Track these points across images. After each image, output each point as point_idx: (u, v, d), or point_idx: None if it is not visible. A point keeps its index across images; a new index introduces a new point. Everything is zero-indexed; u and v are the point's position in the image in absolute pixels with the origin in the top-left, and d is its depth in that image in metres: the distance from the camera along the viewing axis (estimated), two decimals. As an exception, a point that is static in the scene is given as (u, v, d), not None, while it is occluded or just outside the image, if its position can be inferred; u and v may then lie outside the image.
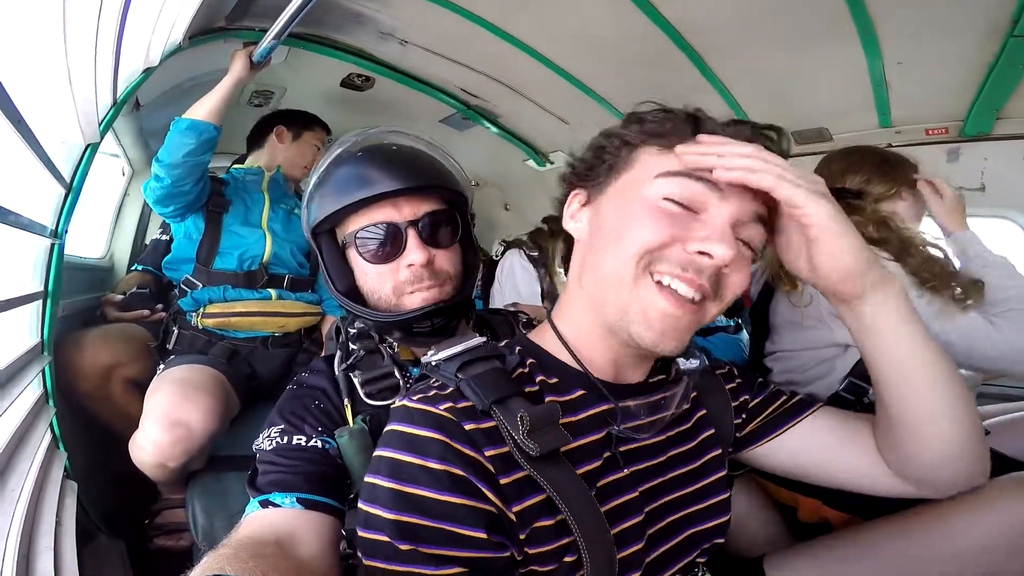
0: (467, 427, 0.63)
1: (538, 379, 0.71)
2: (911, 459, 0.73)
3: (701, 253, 0.62)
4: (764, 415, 0.86)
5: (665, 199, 0.64)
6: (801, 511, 1.16)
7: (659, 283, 0.64)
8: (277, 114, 2.06)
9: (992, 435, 1.04)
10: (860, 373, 1.30)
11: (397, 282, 0.91)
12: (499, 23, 1.78)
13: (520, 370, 0.72)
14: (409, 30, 1.91)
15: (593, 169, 0.73)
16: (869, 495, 0.82)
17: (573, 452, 0.67)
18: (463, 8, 1.71)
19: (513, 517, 0.61)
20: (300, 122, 2.03)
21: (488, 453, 0.62)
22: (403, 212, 0.90)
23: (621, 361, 0.73)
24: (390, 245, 0.90)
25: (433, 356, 0.73)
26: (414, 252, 0.89)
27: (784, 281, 1.38)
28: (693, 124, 0.68)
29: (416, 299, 0.91)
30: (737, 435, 0.86)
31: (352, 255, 0.93)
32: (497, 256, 2.42)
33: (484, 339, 0.76)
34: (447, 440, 0.62)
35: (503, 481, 0.62)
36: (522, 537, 0.62)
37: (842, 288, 0.66)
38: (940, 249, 1.29)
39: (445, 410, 0.64)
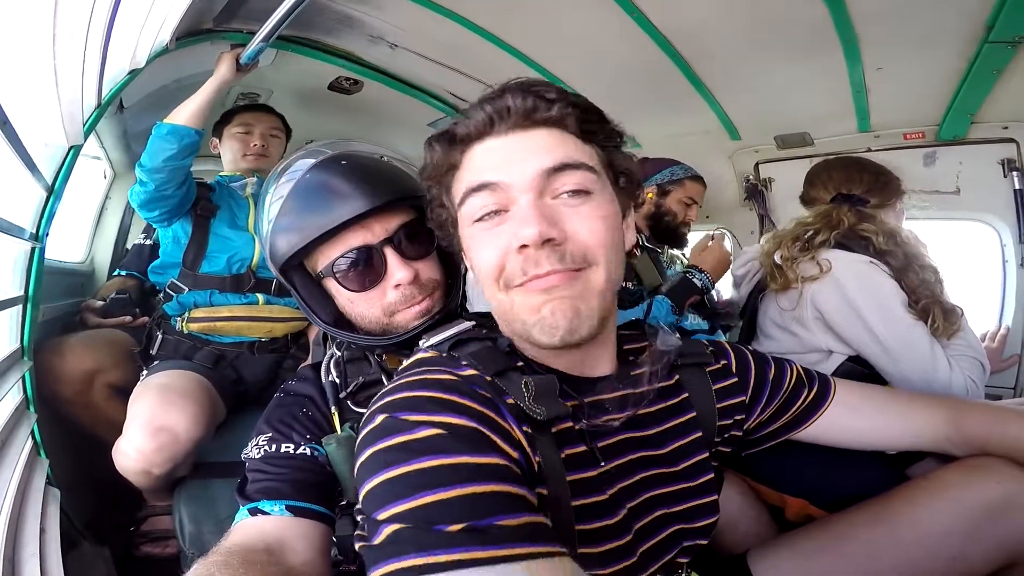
0: (486, 380, 0.65)
1: (518, 364, 0.71)
2: None
3: (522, 247, 0.64)
4: (794, 409, 0.90)
5: (476, 221, 0.69)
6: (788, 511, 1.17)
7: (521, 286, 0.66)
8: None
9: None
10: (841, 376, 1.33)
11: (386, 304, 0.87)
12: (490, 28, 1.79)
13: (508, 350, 0.73)
14: (399, 34, 1.91)
15: (443, 227, 0.77)
16: (858, 492, 0.90)
17: (558, 435, 0.67)
18: (454, 12, 1.71)
19: (535, 465, 0.62)
20: (220, 123, 2.00)
21: (508, 400, 0.64)
22: (375, 231, 0.86)
23: (573, 359, 0.74)
24: (371, 270, 0.86)
25: (426, 343, 0.74)
26: (398, 271, 0.85)
27: (777, 279, 1.40)
28: (449, 141, 0.72)
29: (409, 315, 0.88)
30: (746, 436, 0.88)
31: (332, 285, 0.90)
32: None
33: (472, 323, 0.76)
34: (473, 374, 0.65)
35: (524, 428, 0.63)
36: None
37: None
38: (934, 271, 1.35)
39: (460, 368, 0.66)
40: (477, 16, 1.74)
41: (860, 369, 1.33)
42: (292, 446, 0.82)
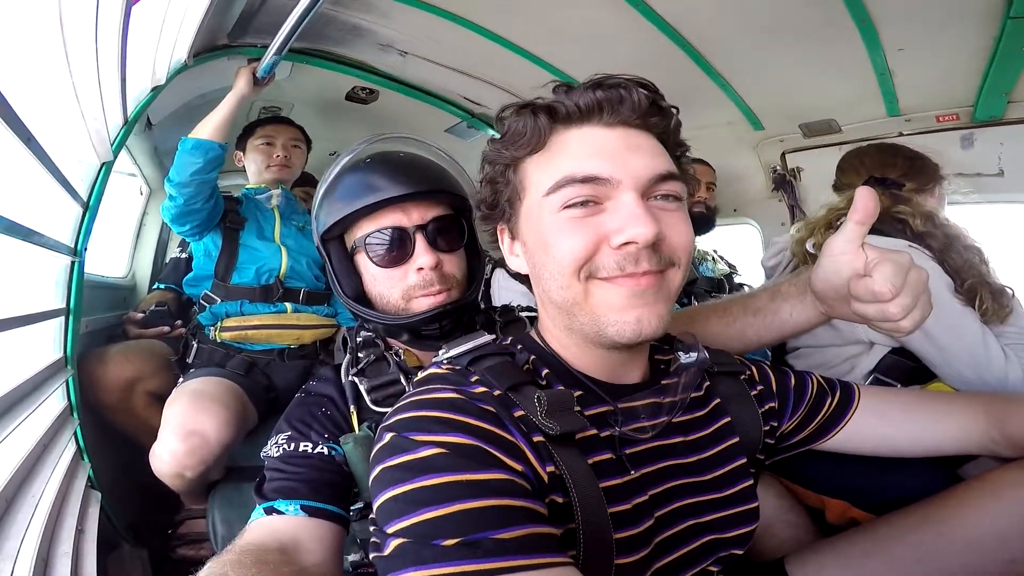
0: (494, 395, 0.64)
1: (544, 373, 0.71)
2: None
3: (626, 243, 0.62)
4: (820, 417, 0.87)
5: (566, 207, 0.64)
6: (828, 513, 1.12)
7: (607, 279, 0.64)
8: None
9: None
10: (885, 370, 1.26)
11: (406, 286, 0.92)
12: (497, 30, 1.79)
13: (526, 366, 0.72)
14: (408, 41, 1.93)
15: (497, 204, 0.74)
16: (903, 494, 0.88)
17: (583, 443, 0.66)
18: (460, 16, 1.72)
19: (545, 476, 0.61)
20: (242, 137, 2.04)
21: (517, 414, 0.63)
22: (411, 217, 0.92)
23: (613, 363, 0.72)
24: (399, 249, 0.92)
25: (445, 354, 0.74)
26: (423, 256, 0.91)
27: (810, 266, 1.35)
28: (549, 115, 0.68)
29: (424, 303, 0.92)
30: (776, 444, 0.86)
31: (361, 260, 0.95)
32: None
33: (492, 336, 0.76)
34: (482, 391, 0.64)
35: (535, 439, 0.62)
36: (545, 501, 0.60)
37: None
38: (978, 251, 1.27)
39: (469, 386, 0.65)
40: (483, 19, 1.75)
41: (906, 362, 1.25)
42: (310, 445, 0.84)
